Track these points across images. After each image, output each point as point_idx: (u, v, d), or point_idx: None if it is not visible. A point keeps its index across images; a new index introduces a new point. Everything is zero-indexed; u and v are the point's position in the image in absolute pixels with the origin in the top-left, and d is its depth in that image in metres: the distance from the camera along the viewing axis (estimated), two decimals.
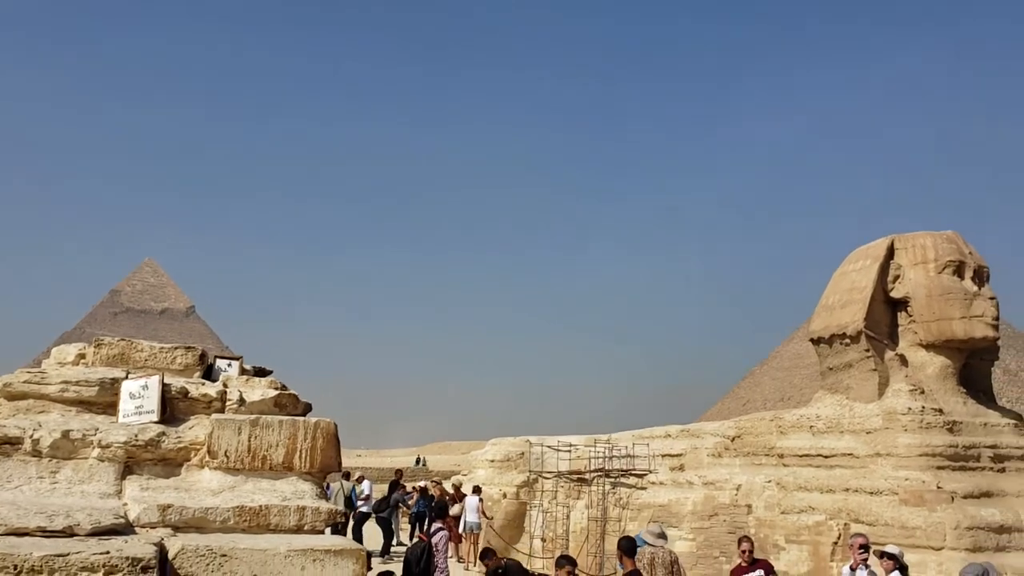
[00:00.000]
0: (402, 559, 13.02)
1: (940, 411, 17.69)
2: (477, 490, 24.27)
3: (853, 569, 11.25)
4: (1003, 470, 17.53)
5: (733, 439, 21.33)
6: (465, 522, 23.31)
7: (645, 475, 23.27)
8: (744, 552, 12.07)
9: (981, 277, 18.24)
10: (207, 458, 8.78)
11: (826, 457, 18.46)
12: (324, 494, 9.88)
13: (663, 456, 23.22)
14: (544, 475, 26.34)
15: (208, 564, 7.25)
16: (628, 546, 10.74)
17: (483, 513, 23.74)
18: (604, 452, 24.94)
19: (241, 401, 9.43)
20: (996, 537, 15.91)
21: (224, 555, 7.32)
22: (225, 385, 9.72)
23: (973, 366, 19.27)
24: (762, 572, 12.10)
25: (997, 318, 17.96)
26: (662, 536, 11.73)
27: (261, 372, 11.01)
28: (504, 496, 26.57)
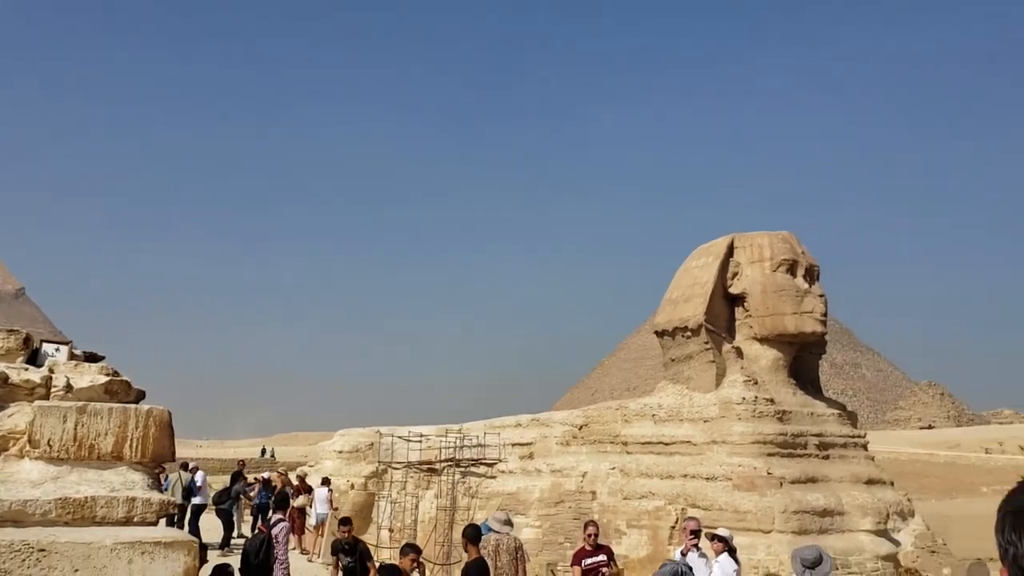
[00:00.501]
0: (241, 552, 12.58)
1: (772, 401, 18.65)
2: (326, 481, 23.80)
3: (684, 554, 11.57)
4: (827, 457, 18.68)
5: (581, 428, 21.79)
6: (316, 514, 22.82)
7: (495, 464, 23.44)
8: (590, 536, 12.28)
9: (812, 275, 19.29)
10: (28, 447, 8.16)
11: (667, 444, 19.14)
12: (158, 484, 9.38)
13: (513, 445, 23.46)
14: (394, 465, 26.12)
15: (24, 560, 6.74)
16: (472, 534, 10.75)
17: (331, 504, 23.29)
18: (455, 442, 24.97)
19: (68, 388, 8.80)
20: (819, 520, 16.94)
21: (42, 550, 6.82)
22: (51, 371, 9.05)
23: (803, 359, 20.40)
24: (604, 557, 12.30)
25: (825, 314, 19.06)
26: (508, 523, 11.81)
27: (92, 358, 10.32)
28: (352, 487, 26.19)
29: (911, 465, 69.13)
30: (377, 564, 13.14)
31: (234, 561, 11.84)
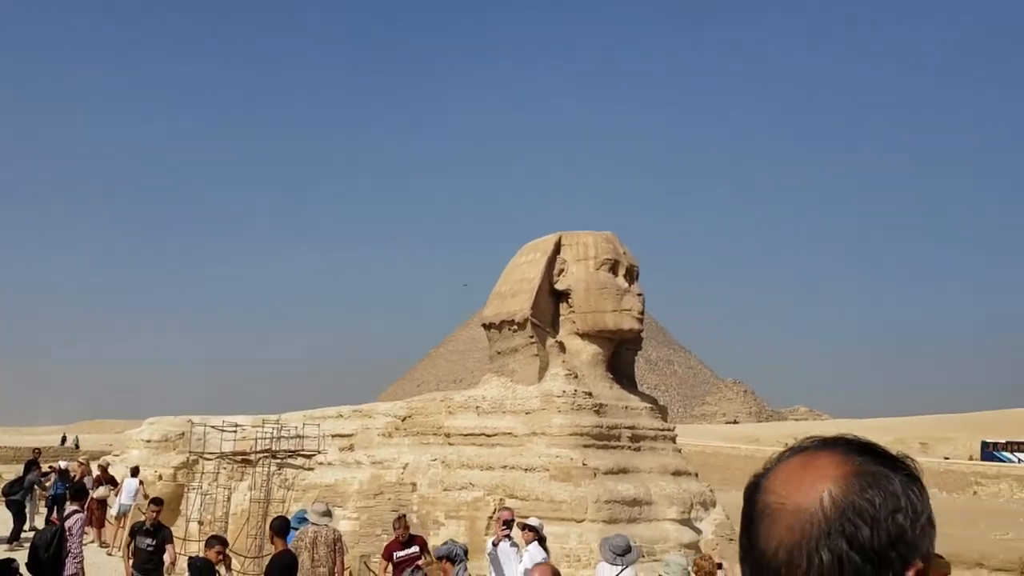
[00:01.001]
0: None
1: (590, 394, 19.26)
2: (136, 472, 22.54)
3: (495, 544, 11.74)
4: (639, 449, 19.53)
5: (404, 419, 21.69)
6: (119, 504, 21.57)
7: (314, 456, 22.97)
8: (402, 529, 12.29)
9: (632, 275, 20.07)
10: None
11: (489, 436, 19.39)
12: None
13: (334, 436, 23.06)
14: (206, 456, 25.05)
15: None
16: (280, 527, 10.53)
17: (145, 496, 22.07)
18: (272, 433, 24.27)
19: None
20: (629, 509, 17.69)
21: None
22: None
23: (620, 355, 21.19)
24: (416, 549, 12.33)
25: (643, 312, 19.88)
26: (327, 514, 11.61)
27: None
28: (160, 478, 24.94)
29: (715, 458, 73.43)
30: (185, 557, 12.60)
31: (23, 556, 11.01)
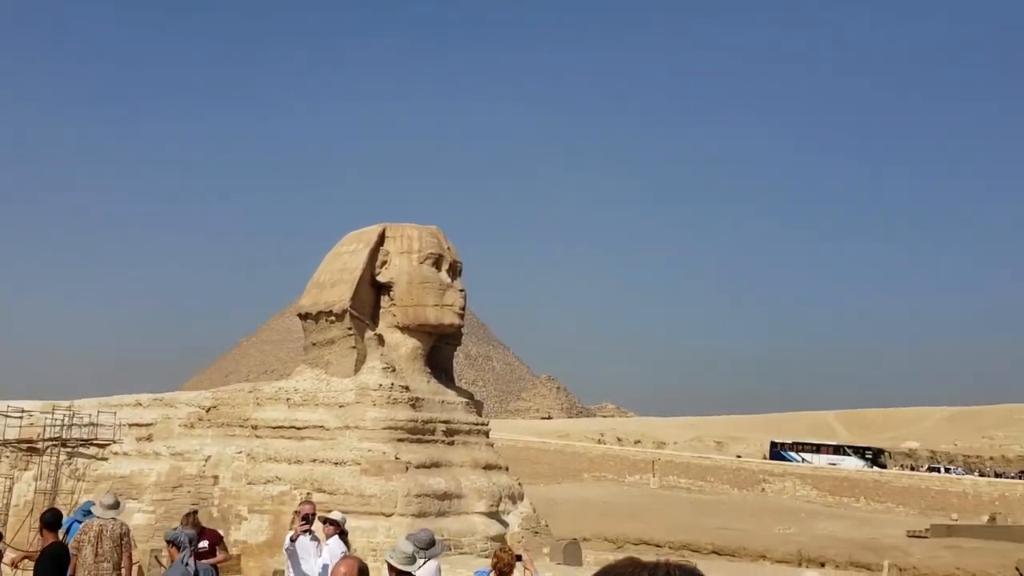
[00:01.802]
0: None
1: (407, 388, 19.21)
2: None
3: (293, 539, 11.52)
4: (452, 443, 19.67)
5: (209, 410, 20.83)
6: None
7: (108, 445, 21.70)
8: (191, 525, 11.91)
9: (455, 271, 20.16)
10: None
11: (299, 429, 18.93)
12: None
13: (131, 426, 21.92)
14: None
15: None
16: (51, 519, 9.97)
17: None
18: (63, 420, 22.72)
19: None
20: (439, 503, 17.78)
21: None
22: None
23: (440, 349, 21.26)
24: (206, 544, 11.97)
25: (464, 308, 20.03)
26: (115, 507, 10.94)
27: None
28: None
29: (527, 452, 75.16)
30: None
31: None
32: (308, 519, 11.63)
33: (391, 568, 8.28)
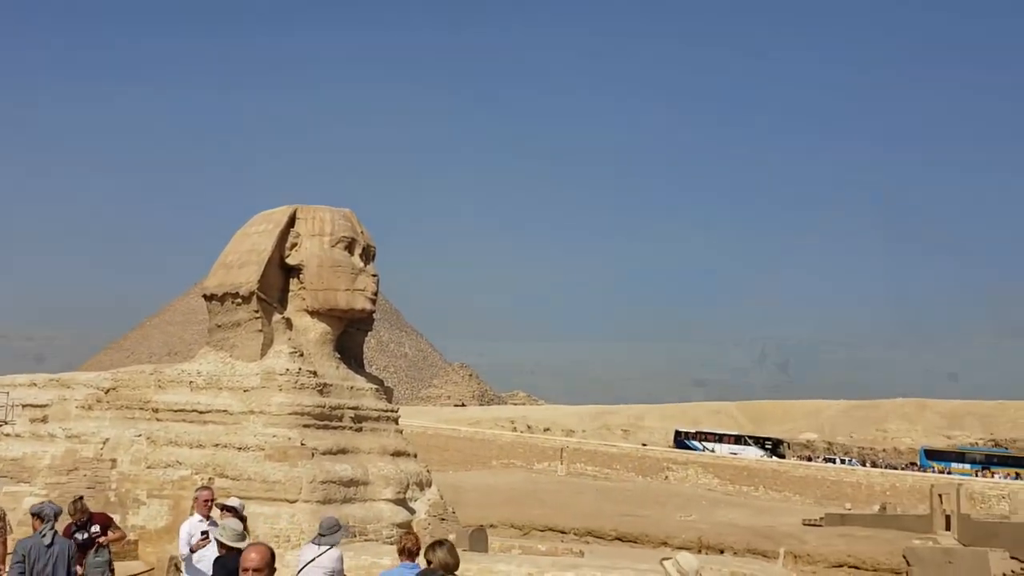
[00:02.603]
0: None
1: (315, 373, 18.94)
2: None
3: (193, 551, 11.27)
4: (360, 429, 19.51)
5: (108, 391, 20.15)
6: None
7: None
8: (78, 512, 11.65)
9: (368, 255, 19.93)
10: None
11: (201, 413, 18.50)
12: None
13: (24, 406, 21.06)
14: None
15: None
16: None
17: None
18: None
19: None
20: (345, 490, 17.63)
21: None
22: None
23: (350, 334, 21.01)
24: (97, 528, 11.76)
25: (376, 293, 19.82)
26: None
27: None
28: None
29: (436, 439, 75.21)
30: None
31: None
32: (207, 503, 11.48)
33: (220, 545, 8.31)
